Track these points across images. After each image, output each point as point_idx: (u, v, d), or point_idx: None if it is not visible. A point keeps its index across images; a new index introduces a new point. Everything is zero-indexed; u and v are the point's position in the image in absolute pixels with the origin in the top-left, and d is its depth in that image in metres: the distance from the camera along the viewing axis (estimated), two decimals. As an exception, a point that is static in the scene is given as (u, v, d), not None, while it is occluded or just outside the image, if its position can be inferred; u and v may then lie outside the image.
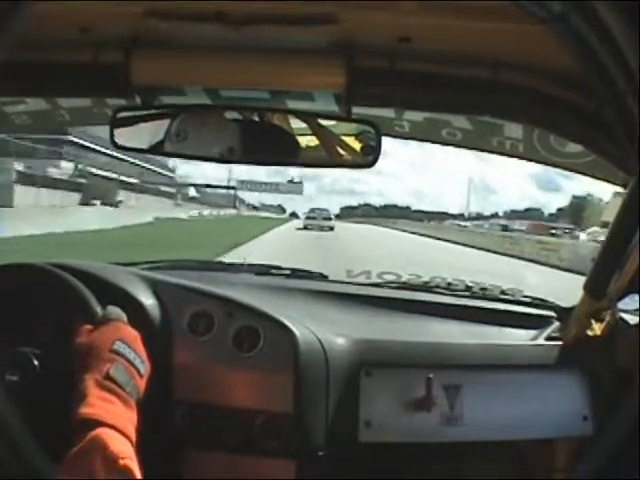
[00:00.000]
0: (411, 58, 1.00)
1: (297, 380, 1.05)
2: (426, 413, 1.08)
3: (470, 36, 0.91)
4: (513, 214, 77.69)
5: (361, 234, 25.73)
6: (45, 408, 0.79)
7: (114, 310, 0.87)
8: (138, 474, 0.66)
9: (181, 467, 1.07)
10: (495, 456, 1.21)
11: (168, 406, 1.05)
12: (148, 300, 1.06)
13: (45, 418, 0.74)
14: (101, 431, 0.68)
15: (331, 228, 25.29)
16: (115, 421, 0.70)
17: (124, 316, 0.87)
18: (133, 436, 0.72)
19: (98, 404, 0.71)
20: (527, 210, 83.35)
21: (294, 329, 1.07)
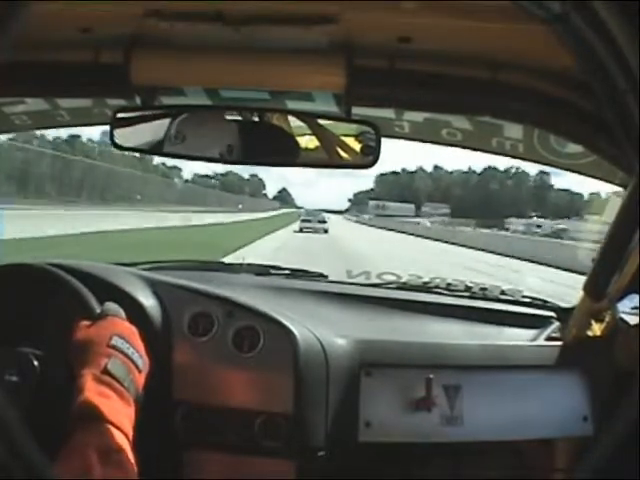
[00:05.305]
0: (411, 58, 1.00)
1: (297, 380, 1.05)
2: (426, 413, 1.08)
3: (470, 36, 0.91)
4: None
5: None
6: (45, 408, 0.79)
7: (111, 306, 0.87)
8: (134, 468, 0.66)
9: (181, 467, 1.07)
10: (495, 456, 1.21)
11: (168, 406, 1.05)
12: (148, 300, 1.06)
13: (45, 418, 0.73)
14: (97, 425, 0.68)
15: (325, 231, 25.49)
16: (112, 416, 0.70)
17: (122, 312, 0.87)
18: (130, 431, 0.71)
19: (95, 399, 0.71)
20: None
21: (294, 329, 1.07)
